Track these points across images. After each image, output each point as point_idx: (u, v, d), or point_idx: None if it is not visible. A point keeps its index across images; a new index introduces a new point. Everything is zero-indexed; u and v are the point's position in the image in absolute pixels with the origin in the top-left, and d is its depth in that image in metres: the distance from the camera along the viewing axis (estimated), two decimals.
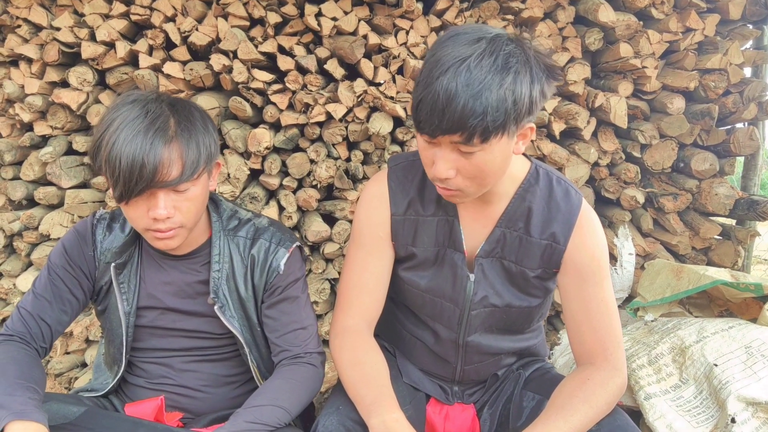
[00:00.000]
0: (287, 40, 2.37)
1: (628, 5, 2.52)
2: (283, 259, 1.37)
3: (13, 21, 2.40)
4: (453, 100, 1.02)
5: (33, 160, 2.43)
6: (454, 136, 1.06)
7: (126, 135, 1.14)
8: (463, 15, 2.42)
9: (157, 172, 1.14)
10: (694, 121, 2.60)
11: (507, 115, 1.04)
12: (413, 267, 1.39)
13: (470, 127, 1.03)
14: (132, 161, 1.13)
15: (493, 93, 1.02)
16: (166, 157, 1.15)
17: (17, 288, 2.46)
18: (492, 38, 1.06)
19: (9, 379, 1.15)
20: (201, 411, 1.44)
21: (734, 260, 2.62)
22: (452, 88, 1.02)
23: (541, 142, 2.52)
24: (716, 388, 1.68)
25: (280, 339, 1.38)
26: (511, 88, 1.03)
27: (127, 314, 1.38)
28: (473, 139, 1.05)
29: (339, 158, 2.44)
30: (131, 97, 1.21)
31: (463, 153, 1.09)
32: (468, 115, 1.02)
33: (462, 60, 1.03)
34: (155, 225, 1.21)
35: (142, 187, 1.15)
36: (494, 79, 1.02)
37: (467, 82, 1.02)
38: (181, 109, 1.23)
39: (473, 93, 1.01)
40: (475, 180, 1.15)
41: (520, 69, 1.05)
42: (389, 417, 1.14)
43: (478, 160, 1.10)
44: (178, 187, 1.19)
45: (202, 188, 1.26)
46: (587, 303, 1.29)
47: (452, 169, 1.12)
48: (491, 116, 1.03)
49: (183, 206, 1.22)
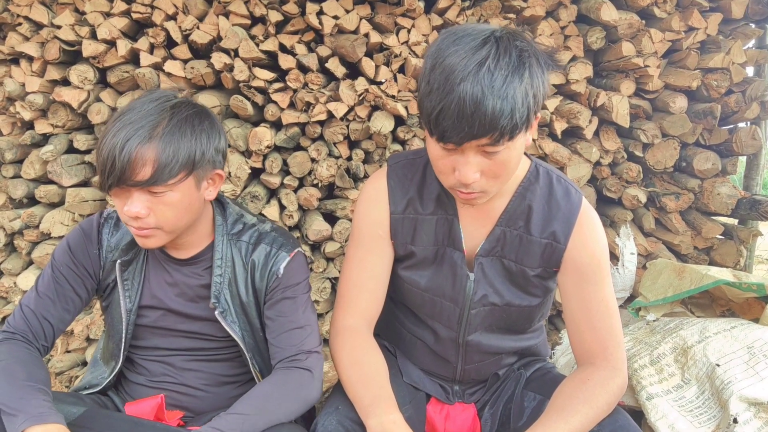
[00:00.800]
0: (288, 39, 2.37)
1: (631, 4, 2.51)
2: (283, 263, 1.36)
3: (14, 19, 2.40)
4: (481, 104, 1.01)
5: (34, 159, 2.43)
6: (483, 139, 1.05)
7: (116, 128, 1.16)
8: (464, 13, 2.42)
9: (126, 169, 1.14)
10: (696, 120, 2.60)
11: (530, 109, 1.05)
12: (412, 266, 1.38)
13: (501, 127, 1.03)
14: (108, 154, 1.15)
15: (518, 90, 1.02)
16: (138, 156, 1.14)
17: (18, 286, 2.46)
18: (498, 37, 1.05)
19: (19, 381, 1.15)
20: (201, 410, 1.43)
21: (736, 260, 2.62)
22: (477, 92, 1.01)
23: (543, 141, 2.51)
24: (718, 389, 1.67)
25: (277, 339, 1.35)
26: (529, 82, 1.04)
27: (128, 311, 1.38)
28: (502, 139, 1.05)
29: (340, 157, 2.43)
30: (150, 95, 1.23)
31: (488, 154, 1.09)
32: (498, 116, 1.01)
33: (480, 63, 1.02)
34: (129, 221, 1.22)
35: (112, 182, 1.15)
36: (515, 77, 1.02)
37: (492, 84, 1.01)
38: (183, 114, 1.21)
39: (500, 94, 1.01)
40: (498, 179, 1.14)
41: (533, 62, 1.05)
42: (387, 418, 1.14)
43: (502, 158, 1.10)
44: (151, 189, 1.18)
45: (183, 195, 1.22)
46: (587, 302, 1.29)
47: (478, 172, 1.11)
48: (519, 113, 1.03)
49: (158, 209, 1.20)
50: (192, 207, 1.27)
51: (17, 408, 1.09)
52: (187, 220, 1.28)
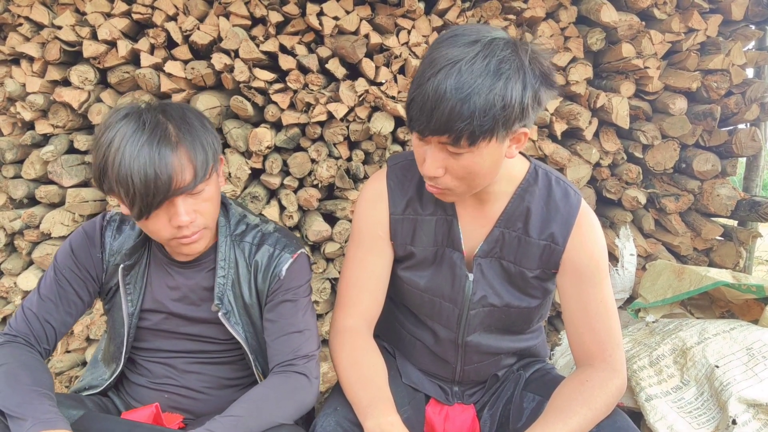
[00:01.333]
0: (289, 40, 2.37)
1: (631, 5, 2.51)
2: (286, 264, 1.36)
3: (15, 19, 2.40)
4: (441, 102, 1.02)
5: (34, 159, 2.43)
6: (442, 137, 1.06)
7: (131, 151, 1.11)
8: (464, 15, 2.42)
9: (172, 180, 1.13)
10: (696, 121, 2.60)
11: (495, 120, 1.04)
12: (412, 266, 1.38)
13: (457, 130, 1.03)
14: (145, 176, 1.11)
15: (482, 97, 1.02)
16: (177, 164, 1.14)
17: (18, 286, 2.46)
18: (488, 42, 1.05)
19: (24, 386, 1.15)
20: (202, 412, 1.43)
21: (736, 261, 2.62)
22: (442, 89, 1.02)
23: (542, 142, 2.51)
24: (717, 390, 1.67)
25: (275, 342, 1.35)
26: (501, 93, 1.03)
27: (130, 315, 1.37)
28: (461, 141, 1.06)
29: (340, 158, 2.43)
30: (122, 112, 1.18)
31: (452, 153, 1.10)
32: (455, 118, 1.02)
33: (454, 62, 1.03)
34: (180, 233, 1.20)
35: (160, 199, 1.14)
36: (484, 84, 1.02)
37: (457, 85, 1.02)
38: (175, 113, 1.21)
39: (461, 96, 1.01)
40: (463, 180, 1.15)
41: (511, 75, 1.04)
42: (385, 420, 1.14)
43: (466, 162, 1.11)
44: (194, 191, 1.19)
45: (215, 186, 1.26)
46: (586, 304, 1.29)
47: (441, 168, 1.13)
48: (478, 120, 1.03)
49: (202, 208, 1.22)
50: (219, 195, 1.30)
51: (25, 413, 1.09)
52: (218, 212, 1.31)
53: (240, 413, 1.19)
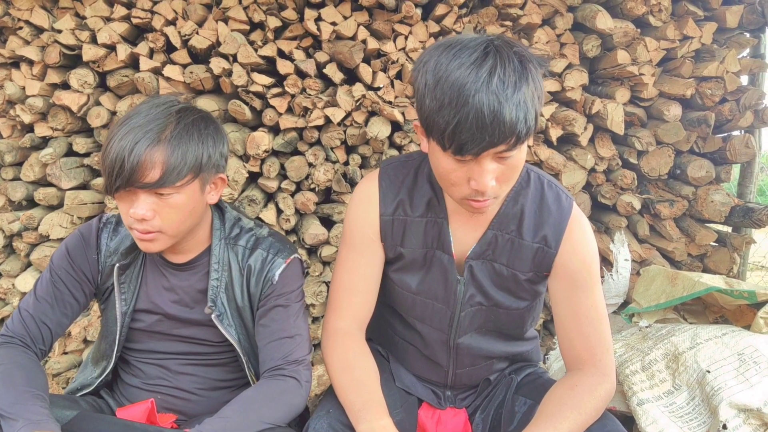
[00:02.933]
0: (287, 44, 2.39)
1: (626, 13, 2.53)
2: (279, 269, 1.37)
3: (15, 23, 2.41)
4: (499, 113, 1.02)
5: (33, 161, 2.45)
6: (500, 146, 1.06)
7: (122, 132, 1.18)
8: (461, 21, 2.44)
9: (135, 171, 1.16)
10: (690, 128, 2.61)
11: (537, 110, 1.08)
12: (402, 268, 1.39)
13: (519, 132, 1.05)
14: (116, 157, 1.16)
15: (527, 94, 1.05)
16: (147, 159, 1.17)
17: (16, 288, 2.47)
18: (497, 46, 1.07)
19: (18, 387, 1.17)
20: (195, 413, 1.44)
21: (729, 267, 2.63)
22: (494, 102, 1.02)
23: (538, 147, 2.53)
24: (709, 395, 1.68)
25: (267, 346, 1.36)
26: (534, 85, 1.06)
27: (123, 314, 1.38)
28: (518, 143, 1.08)
29: (337, 162, 2.45)
30: (154, 100, 1.25)
31: (502, 159, 1.10)
32: (515, 122, 1.04)
33: (490, 73, 1.03)
34: (134, 224, 1.23)
35: (120, 184, 1.17)
36: (522, 82, 1.04)
37: (505, 92, 1.03)
38: (189, 119, 1.24)
39: (515, 101, 1.03)
40: (509, 182, 1.17)
41: (531, 66, 1.08)
42: (378, 424, 1.15)
43: (514, 162, 1.12)
44: (159, 191, 1.20)
45: (188, 198, 1.25)
46: (577, 308, 1.29)
47: (494, 179, 1.12)
48: (531, 116, 1.06)
49: (163, 212, 1.22)
50: (195, 210, 1.28)
51: (17, 414, 1.11)
52: (190, 223, 1.29)
53: (229, 414, 1.21)
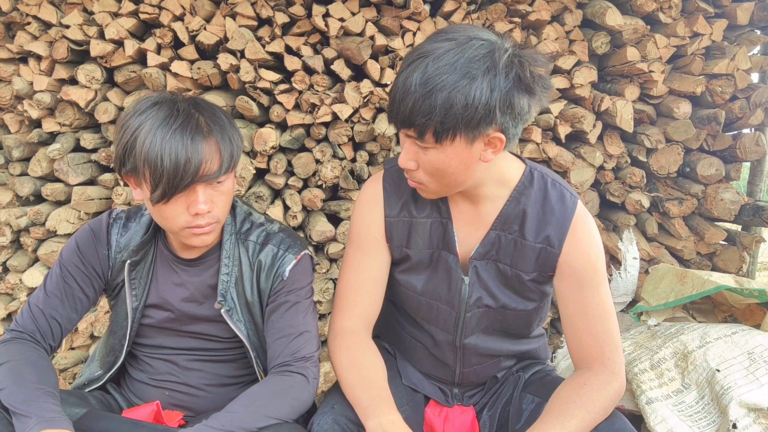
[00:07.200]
0: (294, 41, 2.39)
1: (636, 9, 2.51)
2: (290, 265, 1.36)
3: (23, 18, 2.42)
4: (407, 94, 1.05)
5: (41, 157, 2.45)
6: (409, 130, 1.10)
7: (163, 134, 1.15)
8: (470, 17, 2.43)
9: (201, 166, 1.17)
10: (700, 126, 2.60)
11: (456, 119, 1.04)
12: (408, 269, 1.39)
13: (419, 124, 1.06)
14: (176, 158, 1.15)
15: (443, 94, 1.02)
16: (207, 151, 1.18)
17: (23, 283, 2.48)
18: (465, 40, 1.05)
19: (29, 384, 1.16)
20: (203, 410, 1.44)
21: (739, 266, 2.62)
22: (408, 84, 1.04)
23: (546, 145, 2.52)
24: (718, 394, 1.67)
25: (275, 343, 1.35)
26: (463, 92, 1.02)
27: (134, 310, 1.38)
28: (425, 136, 1.08)
29: (344, 158, 2.44)
30: (152, 100, 1.23)
31: (421, 148, 1.12)
32: (416, 112, 1.04)
33: (424, 56, 1.04)
34: (195, 221, 1.23)
35: (186, 183, 1.17)
36: (448, 81, 1.02)
37: (422, 79, 1.03)
38: (206, 107, 1.26)
39: (424, 92, 1.03)
40: (434, 177, 1.17)
41: (478, 75, 1.03)
42: (386, 419, 1.14)
43: (432, 158, 1.13)
44: (219, 179, 1.23)
45: (233, 181, 1.30)
46: (584, 307, 1.28)
47: (411, 161, 1.15)
48: (438, 117, 1.04)
49: (218, 200, 1.25)
50: (232, 194, 1.33)
51: (29, 411, 1.11)
52: (229, 208, 1.33)
53: (235, 409, 1.21)
